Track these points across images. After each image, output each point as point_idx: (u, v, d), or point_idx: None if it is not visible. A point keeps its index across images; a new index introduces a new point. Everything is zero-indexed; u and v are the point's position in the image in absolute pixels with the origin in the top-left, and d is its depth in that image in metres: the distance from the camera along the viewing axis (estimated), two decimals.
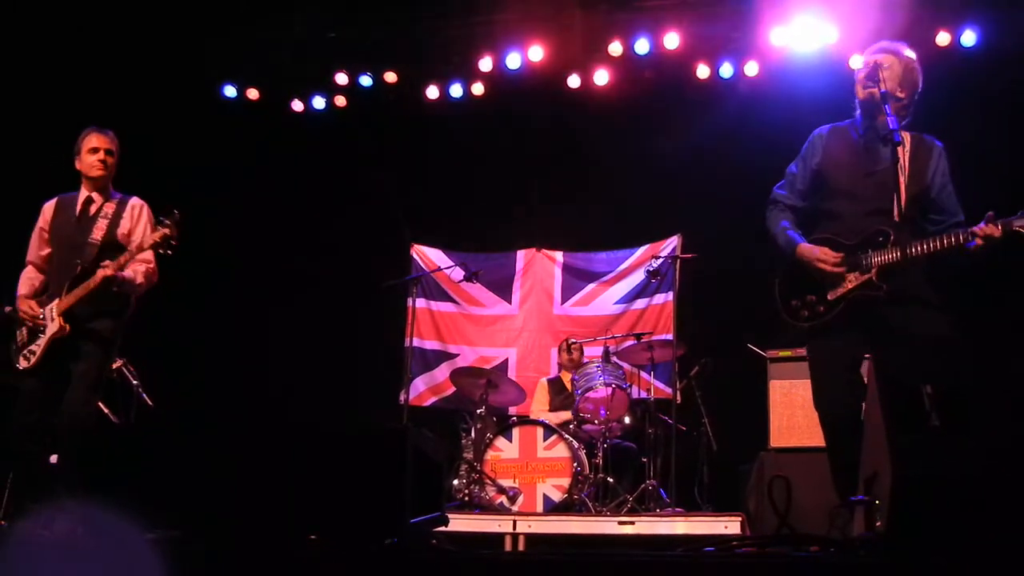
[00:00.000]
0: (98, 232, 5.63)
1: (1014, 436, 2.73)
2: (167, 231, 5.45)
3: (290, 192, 9.82)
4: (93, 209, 5.74)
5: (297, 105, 9.90)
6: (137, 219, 5.78)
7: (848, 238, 4.57)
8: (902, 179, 4.45)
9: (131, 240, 5.70)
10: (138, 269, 5.63)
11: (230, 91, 9.77)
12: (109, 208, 5.74)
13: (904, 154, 4.51)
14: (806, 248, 4.65)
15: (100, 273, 5.44)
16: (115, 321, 5.62)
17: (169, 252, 5.51)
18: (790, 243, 4.72)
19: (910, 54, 4.77)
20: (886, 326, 4.38)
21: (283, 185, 9.80)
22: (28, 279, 5.81)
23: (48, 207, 5.88)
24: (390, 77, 9.60)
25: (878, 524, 3.14)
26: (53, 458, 5.61)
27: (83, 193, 5.80)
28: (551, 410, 8.36)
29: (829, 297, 4.54)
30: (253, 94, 9.78)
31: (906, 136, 4.60)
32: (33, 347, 5.51)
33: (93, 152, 5.75)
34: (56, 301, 5.52)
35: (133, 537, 3.05)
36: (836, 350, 4.53)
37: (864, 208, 4.55)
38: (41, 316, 5.52)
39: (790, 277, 4.72)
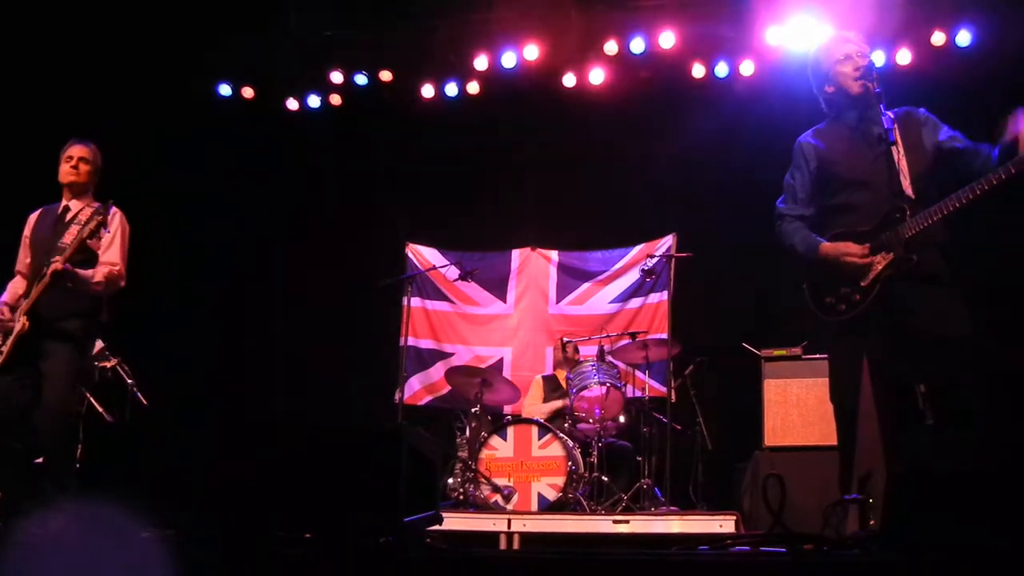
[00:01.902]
0: (69, 237, 5.66)
1: (1010, 431, 2.73)
2: (99, 218, 5.51)
3: (285, 191, 9.82)
4: (69, 216, 5.82)
5: (292, 104, 9.90)
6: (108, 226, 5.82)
7: (865, 226, 4.54)
8: (901, 157, 4.44)
9: (99, 245, 5.74)
10: (100, 269, 5.68)
11: (225, 90, 9.77)
12: (84, 215, 5.78)
13: (896, 134, 4.51)
14: (829, 246, 4.59)
15: (51, 267, 5.47)
16: (84, 320, 5.66)
17: (99, 238, 5.57)
18: (811, 246, 4.66)
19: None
20: (901, 312, 4.35)
21: (278, 184, 9.80)
22: (13, 288, 5.89)
23: (33, 216, 6.01)
24: (385, 76, 9.60)
25: (872, 523, 3.14)
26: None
27: (63, 202, 5.92)
28: (544, 402, 8.37)
29: (863, 284, 4.50)
30: (248, 93, 9.78)
31: (890, 113, 4.59)
32: (2, 347, 5.58)
33: (67, 161, 5.89)
34: (24, 302, 5.60)
35: (128, 536, 3.05)
36: (862, 341, 4.47)
37: (879, 193, 4.49)
38: (11, 319, 5.59)
39: (819, 278, 4.65)
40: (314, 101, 9.87)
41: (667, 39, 8.92)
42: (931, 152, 4.58)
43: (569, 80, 9.41)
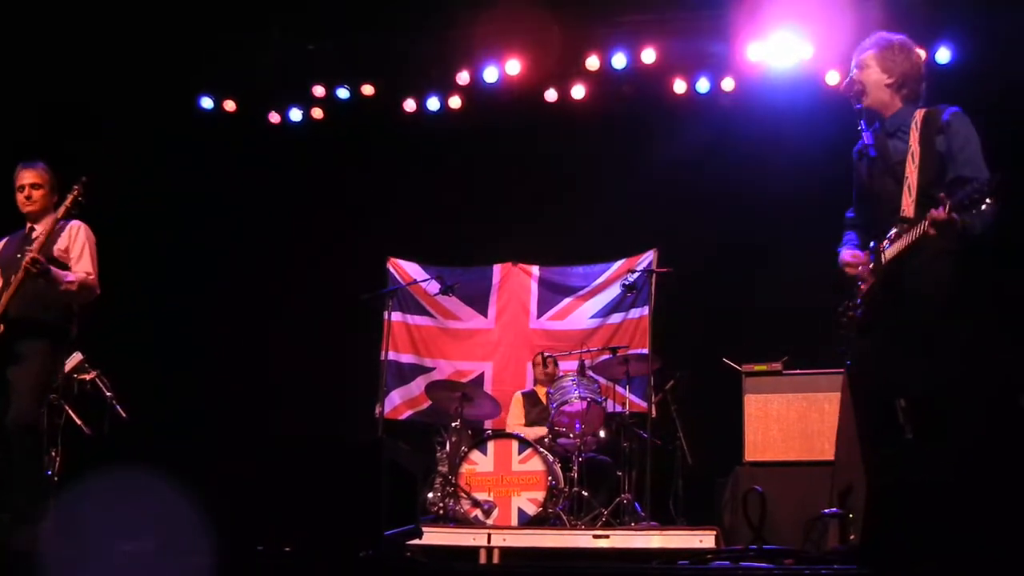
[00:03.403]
0: (35, 246, 5.68)
1: (987, 444, 2.74)
2: (75, 193, 5.69)
3: (266, 205, 9.79)
4: (34, 235, 5.87)
5: (274, 117, 9.87)
6: (75, 238, 5.90)
7: (876, 241, 4.52)
8: (911, 170, 4.33)
9: (69, 257, 5.82)
10: (77, 274, 5.76)
11: (207, 102, 9.73)
12: (48, 227, 5.83)
13: (915, 140, 4.38)
14: (840, 258, 4.65)
15: (25, 258, 5.50)
16: (54, 327, 5.72)
17: (76, 210, 5.74)
18: (838, 258, 4.71)
19: (883, 40, 4.73)
20: (887, 326, 4.34)
21: (259, 197, 9.77)
22: None
23: None
24: (367, 90, 9.59)
25: (852, 537, 3.15)
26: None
27: (28, 225, 5.98)
28: (527, 424, 8.35)
29: (858, 300, 4.52)
30: (230, 106, 9.74)
31: (918, 117, 4.47)
32: None
33: (20, 191, 5.94)
34: None
35: (106, 548, 3.03)
36: (865, 352, 4.48)
37: (889, 207, 4.41)
38: None
39: (844, 289, 4.68)
40: (296, 115, 9.84)
41: (649, 55, 8.93)
42: (941, 161, 4.36)
43: (551, 95, 9.41)
